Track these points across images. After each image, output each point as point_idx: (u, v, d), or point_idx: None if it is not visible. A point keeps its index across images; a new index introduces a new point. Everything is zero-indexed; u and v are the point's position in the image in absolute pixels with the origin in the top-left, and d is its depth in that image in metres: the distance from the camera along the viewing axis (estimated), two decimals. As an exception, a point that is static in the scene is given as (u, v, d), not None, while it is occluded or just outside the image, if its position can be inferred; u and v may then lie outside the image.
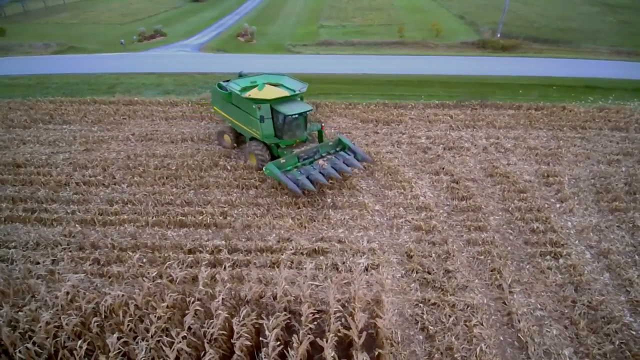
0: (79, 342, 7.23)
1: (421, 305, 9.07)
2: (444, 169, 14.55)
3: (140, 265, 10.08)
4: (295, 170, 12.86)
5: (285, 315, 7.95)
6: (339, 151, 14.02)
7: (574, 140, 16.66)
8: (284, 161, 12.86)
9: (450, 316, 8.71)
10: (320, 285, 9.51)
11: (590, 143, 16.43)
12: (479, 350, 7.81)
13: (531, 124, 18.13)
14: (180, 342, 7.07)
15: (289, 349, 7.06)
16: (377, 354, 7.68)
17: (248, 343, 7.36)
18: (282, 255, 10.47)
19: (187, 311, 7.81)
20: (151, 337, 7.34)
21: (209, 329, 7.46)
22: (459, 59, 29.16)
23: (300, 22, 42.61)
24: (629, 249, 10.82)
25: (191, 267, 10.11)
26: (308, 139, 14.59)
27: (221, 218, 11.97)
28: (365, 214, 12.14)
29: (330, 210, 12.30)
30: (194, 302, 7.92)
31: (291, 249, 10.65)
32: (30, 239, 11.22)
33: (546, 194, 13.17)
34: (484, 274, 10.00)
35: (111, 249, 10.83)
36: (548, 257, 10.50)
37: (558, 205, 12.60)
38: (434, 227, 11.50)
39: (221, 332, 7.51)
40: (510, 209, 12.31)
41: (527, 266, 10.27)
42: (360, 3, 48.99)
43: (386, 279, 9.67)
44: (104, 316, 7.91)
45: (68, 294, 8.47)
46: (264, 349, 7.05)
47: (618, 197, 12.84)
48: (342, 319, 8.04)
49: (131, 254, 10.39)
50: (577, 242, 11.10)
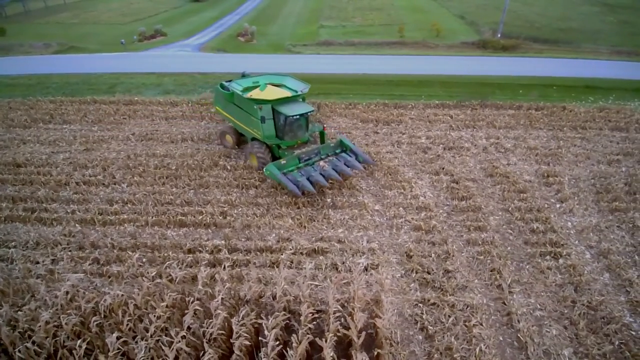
0: (79, 341, 7.24)
1: (421, 305, 9.07)
2: (444, 169, 14.55)
3: (139, 265, 10.09)
4: (295, 171, 12.81)
5: (285, 315, 7.95)
6: (341, 153, 13.97)
7: (574, 140, 16.66)
8: (284, 162, 12.82)
9: (449, 316, 8.71)
10: (319, 285, 9.51)
11: (591, 143, 16.42)
12: (478, 350, 7.81)
13: (531, 124, 18.12)
14: (180, 341, 7.07)
15: (288, 348, 7.06)
16: (376, 354, 7.68)
17: (247, 343, 7.36)
18: (282, 255, 10.47)
19: (186, 311, 7.81)
20: (150, 337, 7.35)
21: (208, 328, 7.46)
22: (459, 59, 29.15)
23: (300, 22, 42.62)
24: (629, 249, 10.81)
25: (191, 267, 10.11)
26: (309, 140, 14.54)
27: (221, 218, 11.98)
28: (365, 214, 12.14)
29: (330, 210, 12.31)
30: (193, 302, 7.93)
31: (291, 249, 10.65)
32: (30, 238, 11.24)
33: (546, 194, 13.17)
34: (483, 274, 10.00)
35: (111, 248, 10.84)
36: (548, 257, 10.50)
37: (558, 206, 12.59)
38: (434, 227, 11.49)
39: (220, 331, 7.52)
40: (510, 209, 12.31)
41: (527, 266, 10.26)
42: (360, 3, 48.98)
43: (386, 279, 9.67)
44: (103, 316, 7.91)
45: (68, 293, 8.49)
46: (263, 348, 7.04)
47: (618, 197, 12.84)
48: (342, 319, 8.04)
49: (131, 253, 10.40)
50: (577, 242, 11.09)
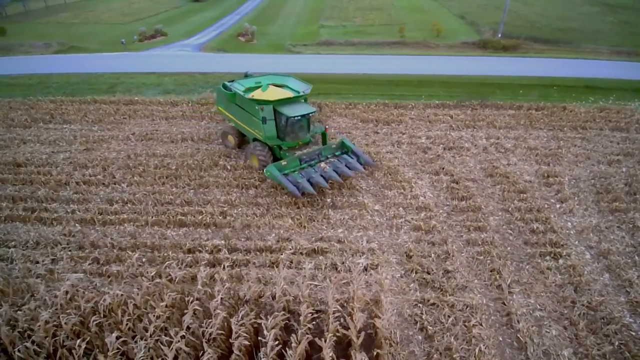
0: (78, 341, 7.24)
1: (420, 305, 9.06)
2: (444, 169, 14.54)
3: (139, 265, 10.10)
4: (296, 172, 12.73)
5: (284, 315, 7.95)
6: (342, 154, 13.88)
7: (574, 140, 16.64)
8: (285, 163, 12.73)
9: (449, 316, 8.71)
10: (319, 285, 9.51)
11: (591, 143, 16.41)
12: (477, 350, 7.80)
13: (531, 124, 18.11)
14: (179, 341, 7.07)
15: (288, 348, 7.06)
16: (375, 354, 7.68)
17: (247, 343, 7.36)
18: (282, 255, 10.47)
19: (185, 311, 7.81)
20: (150, 337, 7.35)
21: (207, 328, 7.46)
22: (460, 59, 29.13)
23: (300, 22, 42.61)
24: (629, 250, 10.81)
25: (190, 267, 10.11)
26: (311, 141, 14.45)
27: (221, 218, 11.98)
28: (365, 214, 12.14)
29: (330, 210, 12.30)
30: (192, 302, 7.93)
31: (290, 249, 10.65)
32: (30, 238, 11.24)
33: (546, 195, 13.16)
34: (483, 274, 9.99)
35: (111, 248, 10.84)
36: (548, 257, 10.49)
37: (558, 206, 12.58)
38: (434, 227, 11.49)
39: (220, 331, 7.52)
40: (510, 209, 12.30)
41: (527, 266, 10.25)
42: (360, 3, 48.96)
43: (385, 279, 9.66)
44: (102, 315, 7.91)
45: (67, 293, 8.49)
46: (262, 348, 7.04)
47: (618, 197, 12.83)
48: (341, 319, 8.05)
49: (130, 253, 10.39)
50: (577, 242, 11.09)
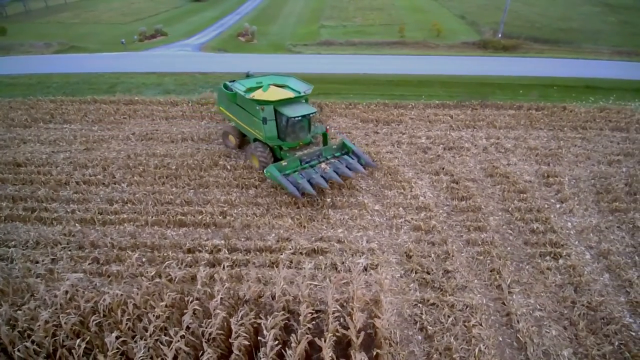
0: (78, 340, 7.24)
1: (420, 305, 9.06)
2: (444, 169, 14.53)
3: (139, 265, 10.10)
4: (296, 173, 12.67)
5: (284, 315, 7.95)
6: (343, 155, 13.81)
7: (574, 140, 16.64)
8: (285, 164, 12.69)
9: (449, 316, 8.70)
10: (319, 285, 9.51)
11: (591, 143, 16.40)
12: (477, 350, 7.80)
13: (531, 124, 18.10)
14: (179, 341, 7.07)
15: (287, 348, 7.06)
16: (375, 354, 7.68)
17: (246, 343, 7.36)
18: (281, 255, 10.47)
19: (185, 310, 7.81)
20: (149, 336, 7.35)
21: (207, 328, 7.46)
22: (460, 59, 29.12)
23: (300, 22, 42.60)
24: (629, 250, 10.80)
25: (190, 267, 10.11)
26: (312, 141, 14.40)
27: (221, 217, 11.98)
28: (365, 214, 12.13)
29: (330, 210, 12.30)
30: (192, 302, 7.94)
31: (290, 249, 10.65)
32: (30, 237, 11.24)
33: (546, 195, 13.15)
34: (483, 274, 9.99)
35: (110, 248, 10.84)
36: (548, 257, 10.49)
37: (558, 206, 12.57)
38: (434, 227, 11.49)
39: (219, 331, 7.52)
40: (510, 209, 12.29)
41: (527, 266, 10.25)
42: (361, 3, 48.95)
43: (385, 279, 9.66)
44: (102, 315, 7.92)
45: (67, 293, 8.50)
46: (262, 348, 7.04)
47: (618, 197, 12.82)
48: (341, 319, 8.06)
49: (130, 253, 10.39)
50: (577, 242, 11.08)
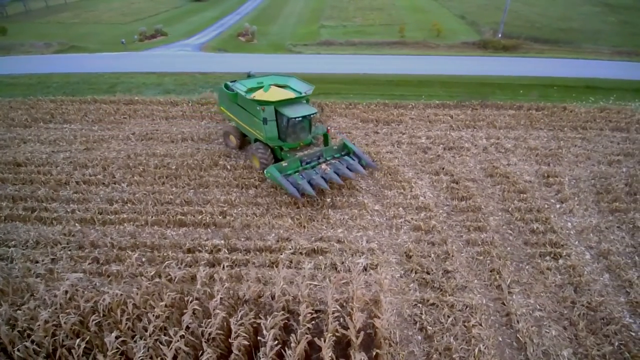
0: (77, 340, 7.24)
1: (420, 305, 9.06)
2: (444, 169, 14.53)
3: (139, 265, 10.11)
4: (296, 174, 12.64)
5: (284, 314, 7.95)
6: (344, 156, 13.77)
7: (574, 140, 16.63)
8: (286, 164, 12.66)
9: (449, 316, 8.70)
10: (318, 285, 9.51)
11: (591, 143, 16.39)
12: (477, 350, 7.79)
13: (532, 124, 18.10)
14: (178, 341, 7.07)
15: (287, 348, 7.05)
16: (375, 354, 7.68)
17: (246, 342, 7.35)
18: (281, 254, 10.46)
19: (185, 310, 7.81)
20: (149, 336, 7.35)
21: (207, 328, 7.46)
22: (460, 59, 29.11)
23: (301, 21, 42.60)
24: (629, 250, 10.79)
25: (190, 267, 10.11)
26: (312, 142, 14.35)
27: (220, 217, 11.98)
28: (365, 214, 12.13)
29: (330, 210, 12.30)
30: (192, 302, 7.93)
31: (290, 249, 10.65)
32: (30, 237, 11.25)
33: (546, 195, 13.14)
34: (483, 275, 9.98)
35: (110, 248, 10.84)
36: (548, 257, 10.48)
37: (558, 206, 12.57)
38: (434, 227, 11.48)
39: (219, 331, 7.52)
40: (510, 209, 12.29)
41: (527, 267, 10.24)
42: (361, 3, 48.95)
43: (385, 279, 9.65)
44: (102, 315, 7.92)
45: (67, 292, 8.50)
46: (262, 348, 7.04)
47: (618, 197, 12.82)
48: (340, 319, 8.06)
49: (130, 253, 10.40)
50: (577, 242, 11.07)
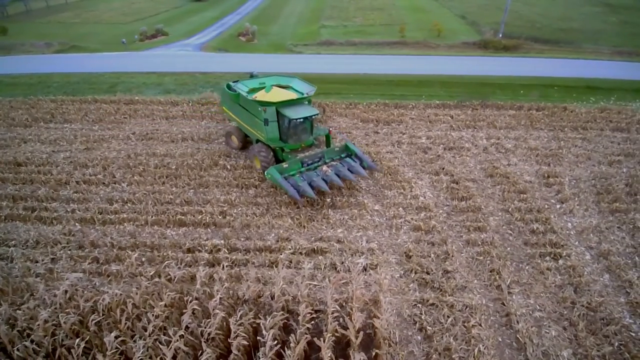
0: (77, 340, 7.24)
1: (419, 305, 9.05)
2: (444, 169, 14.52)
3: (138, 264, 10.10)
4: (297, 175, 12.56)
5: (283, 314, 7.95)
6: (345, 157, 13.64)
7: (574, 140, 16.61)
8: (286, 166, 12.59)
9: (448, 317, 8.69)
10: (318, 285, 9.50)
11: (591, 144, 16.38)
12: (477, 350, 7.78)
13: (532, 124, 18.08)
14: (178, 341, 7.07)
15: (286, 348, 7.05)
16: (374, 354, 7.68)
17: (245, 342, 7.35)
18: (281, 254, 10.46)
19: (184, 310, 7.81)
20: (149, 336, 7.35)
21: (206, 328, 7.46)
22: (460, 59, 29.10)
23: (301, 21, 42.62)
24: (629, 250, 10.78)
25: (190, 267, 10.11)
26: (314, 143, 14.27)
27: (220, 217, 11.97)
28: (365, 214, 12.12)
29: (330, 210, 12.29)
30: (191, 301, 7.93)
31: (290, 249, 10.65)
32: (30, 237, 11.26)
33: (546, 195, 13.13)
34: (483, 275, 9.98)
35: (110, 247, 10.84)
36: (548, 258, 10.47)
37: (558, 206, 12.56)
38: (434, 228, 11.48)
39: (218, 331, 7.52)
40: (510, 209, 12.28)
41: (527, 267, 10.23)
42: (361, 3, 48.96)
43: (384, 279, 9.63)
44: (102, 315, 7.92)
45: (66, 292, 8.51)
46: (261, 348, 7.04)
47: (619, 198, 12.80)
48: (340, 319, 8.06)
49: (130, 252, 10.40)
50: (577, 243, 11.06)
